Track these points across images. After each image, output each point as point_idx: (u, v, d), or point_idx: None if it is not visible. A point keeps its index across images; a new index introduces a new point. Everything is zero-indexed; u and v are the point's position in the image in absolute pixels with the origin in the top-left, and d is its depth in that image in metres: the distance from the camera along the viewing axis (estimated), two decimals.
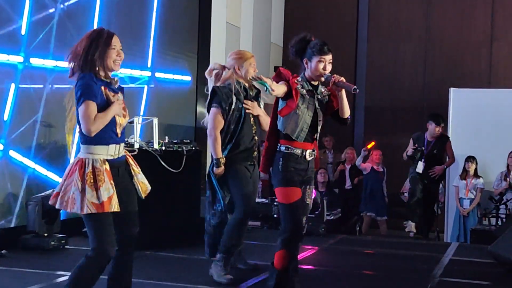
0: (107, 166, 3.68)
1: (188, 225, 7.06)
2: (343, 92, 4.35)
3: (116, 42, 3.77)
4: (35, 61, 6.76)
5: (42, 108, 6.84)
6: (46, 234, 6.35)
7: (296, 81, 4.35)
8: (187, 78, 9.77)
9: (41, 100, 6.86)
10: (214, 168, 5.23)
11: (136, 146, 6.38)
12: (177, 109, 9.55)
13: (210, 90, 5.37)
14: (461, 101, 10.22)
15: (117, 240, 3.80)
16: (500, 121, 9.92)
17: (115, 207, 3.65)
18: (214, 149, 5.20)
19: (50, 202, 3.74)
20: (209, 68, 5.47)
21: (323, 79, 4.37)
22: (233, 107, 5.22)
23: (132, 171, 3.89)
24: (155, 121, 6.72)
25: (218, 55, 10.37)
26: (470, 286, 5.54)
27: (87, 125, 3.59)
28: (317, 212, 8.38)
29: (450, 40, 12.55)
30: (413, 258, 6.79)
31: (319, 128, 4.45)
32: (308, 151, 4.39)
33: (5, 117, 6.43)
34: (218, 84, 5.32)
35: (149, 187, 4.00)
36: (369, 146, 10.65)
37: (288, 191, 4.32)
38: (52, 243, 6.31)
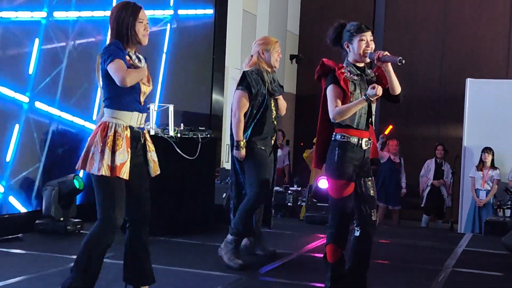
0: (128, 133, 3.73)
1: (203, 211, 7.11)
2: (390, 67, 4.18)
3: (143, 15, 3.79)
4: (58, 15, 6.90)
5: (65, 59, 7.01)
6: (62, 219, 6.42)
7: (342, 70, 4.22)
8: (209, 11, 9.74)
9: (65, 52, 7.02)
10: (235, 151, 5.32)
11: (152, 133, 6.42)
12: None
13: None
14: (477, 91, 10.17)
15: (129, 218, 3.86)
16: None
17: (125, 174, 3.69)
18: (237, 131, 5.29)
19: (76, 167, 3.78)
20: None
21: (367, 59, 4.23)
22: (259, 92, 5.30)
23: (147, 146, 3.91)
24: (171, 108, 6.75)
25: (234, 43, 10.39)
26: (482, 277, 5.54)
27: (122, 75, 3.57)
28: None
29: (467, 31, 12.48)
30: (426, 249, 6.79)
31: (373, 111, 4.31)
32: (364, 140, 4.23)
33: (30, 71, 6.57)
34: (246, 69, 5.41)
35: (159, 170, 3.98)
36: (386, 132, 10.62)
37: (341, 184, 4.16)
38: (68, 227, 6.38)
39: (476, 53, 12.38)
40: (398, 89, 4.29)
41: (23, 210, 6.55)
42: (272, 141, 5.46)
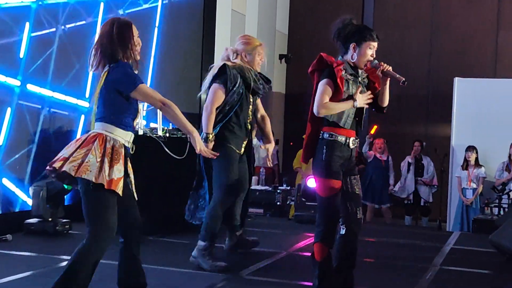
0: (123, 150, 3.72)
1: None
2: (388, 82, 4.29)
3: (134, 31, 3.78)
4: None
5: (56, 42, 7.06)
6: (50, 219, 6.40)
7: (341, 68, 4.21)
8: None
9: (56, 35, 7.08)
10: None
11: (140, 132, 6.42)
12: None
13: (215, 66, 5.34)
14: (465, 90, 10.22)
15: (121, 232, 3.82)
16: (504, 111, 9.92)
17: (120, 189, 3.65)
18: (206, 123, 5.17)
19: (54, 165, 3.61)
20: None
21: (368, 65, 4.27)
22: (234, 89, 5.22)
23: (128, 168, 3.85)
24: None
25: (223, 42, 10.38)
26: (470, 275, 5.57)
27: (157, 96, 3.71)
28: None
29: (456, 29, 12.53)
30: (415, 247, 6.82)
31: (364, 111, 4.35)
32: (351, 139, 4.26)
33: (21, 55, 6.62)
34: (229, 63, 5.29)
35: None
36: (372, 132, 10.61)
37: (329, 183, 4.17)
38: (56, 228, 6.36)
39: (464, 52, 12.43)
40: (386, 102, 4.41)
41: (17, 191, 6.62)
42: (244, 144, 5.37)
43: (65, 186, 6.43)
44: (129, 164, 3.86)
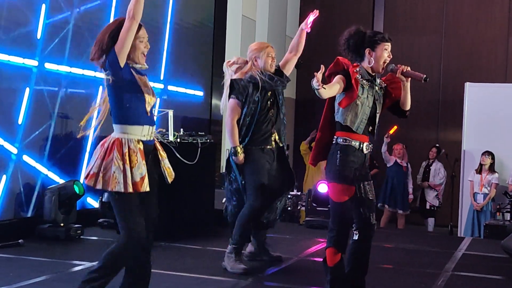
0: (141, 146, 3.74)
1: (202, 216, 7.12)
2: (409, 83, 4.32)
3: (143, 33, 3.79)
4: None
5: (72, 20, 7.14)
6: (62, 224, 6.43)
7: (355, 70, 4.22)
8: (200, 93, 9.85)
9: (72, 14, 7.15)
10: (234, 158, 5.32)
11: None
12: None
13: (226, 81, 5.46)
14: (476, 95, 10.19)
15: None
16: None
17: (146, 187, 3.70)
18: (232, 138, 5.31)
19: (87, 183, 3.73)
20: (230, 60, 5.53)
21: (383, 70, 4.29)
22: (249, 99, 5.30)
23: (159, 156, 3.91)
24: (170, 113, 6.77)
25: (234, 48, 10.41)
26: (482, 281, 5.54)
27: (126, 24, 3.65)
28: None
29: (466, 34, 12.50)
30: (426, 252, 6.80)
31: (376, 120, 4.36)
32: (365, 144, 4.26)
33: (38, 36, 6.70)
34: (236, 77, 5.40)
35: (173, 174, 3.99)
36: (391, 132, 10.54)
37: (342, 188, 4.18)
38: (69, 233, 6.38)
39: (475, 57, 12.39)
40: (409, 105, 4.44)
41: (37, 166, 6.71)
42: (273, 139, 5.40)
43: (77, 192, 6.47)
44: (160, 152, 3.91)
